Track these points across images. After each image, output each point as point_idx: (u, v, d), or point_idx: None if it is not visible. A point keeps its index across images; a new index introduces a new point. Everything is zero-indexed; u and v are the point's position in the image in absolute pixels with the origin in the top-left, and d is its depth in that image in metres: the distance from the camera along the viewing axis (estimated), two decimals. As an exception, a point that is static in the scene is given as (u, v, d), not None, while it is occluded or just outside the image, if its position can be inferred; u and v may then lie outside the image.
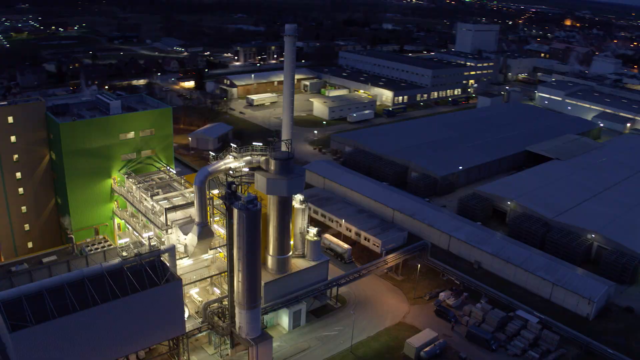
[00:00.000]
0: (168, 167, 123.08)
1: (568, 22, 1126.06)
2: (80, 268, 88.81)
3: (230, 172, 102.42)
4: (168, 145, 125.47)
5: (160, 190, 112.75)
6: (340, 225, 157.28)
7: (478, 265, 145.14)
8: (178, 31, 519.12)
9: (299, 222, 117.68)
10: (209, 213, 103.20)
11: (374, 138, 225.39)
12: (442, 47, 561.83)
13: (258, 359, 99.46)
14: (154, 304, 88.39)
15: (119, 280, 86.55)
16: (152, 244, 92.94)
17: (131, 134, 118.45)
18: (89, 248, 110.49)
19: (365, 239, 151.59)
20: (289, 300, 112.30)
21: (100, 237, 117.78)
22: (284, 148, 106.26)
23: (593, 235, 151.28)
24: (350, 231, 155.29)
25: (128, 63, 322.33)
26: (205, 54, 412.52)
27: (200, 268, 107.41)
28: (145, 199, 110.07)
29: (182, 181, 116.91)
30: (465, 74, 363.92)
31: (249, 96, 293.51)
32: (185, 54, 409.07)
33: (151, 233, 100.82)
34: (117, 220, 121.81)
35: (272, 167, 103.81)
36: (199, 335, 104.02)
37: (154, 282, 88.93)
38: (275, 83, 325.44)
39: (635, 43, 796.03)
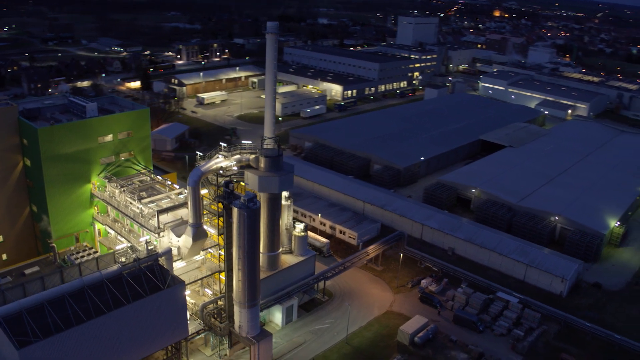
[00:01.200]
0: (150, 170, 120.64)
1: (497, 13, 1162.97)
2: (80, 277, 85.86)
3: (221, 171, 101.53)
4: (146, 146, 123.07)
5: (144, 193, 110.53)
6: (314, 220, 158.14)
7: (452, 251, 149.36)
8: (114, 31, 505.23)
9: (285, 218, 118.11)
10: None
11: (333, 132, 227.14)
12: (381, 41, 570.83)
13: (259, 357, 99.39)
14: (159, 309, 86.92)
15: (120, 287, 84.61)
16: (149, 247, 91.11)
17: (109, 137, 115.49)
18: (73, 256, 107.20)
19: (340, 232, 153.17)
20: (281, 296, 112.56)
21: (84, 244, 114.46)
22: (270, 145, 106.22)
23: (556, 218, 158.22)
24: (324, 225, 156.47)
25: (69, 64, 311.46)
26: (145, 53, 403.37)
27: (192, 270, 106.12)
28: (131, 203, 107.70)
29: (167, 183, 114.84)
30: (411, 66, 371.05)
31: (199, 95, 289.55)
32: (125, 54, 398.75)
33: (147, 237, 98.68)
34: (97, 226, 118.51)
35: (262, 165, 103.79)
36: (197, 337, 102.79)
37: (156, 286, 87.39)
38: (224, 81, 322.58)
39: (563, 32, 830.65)
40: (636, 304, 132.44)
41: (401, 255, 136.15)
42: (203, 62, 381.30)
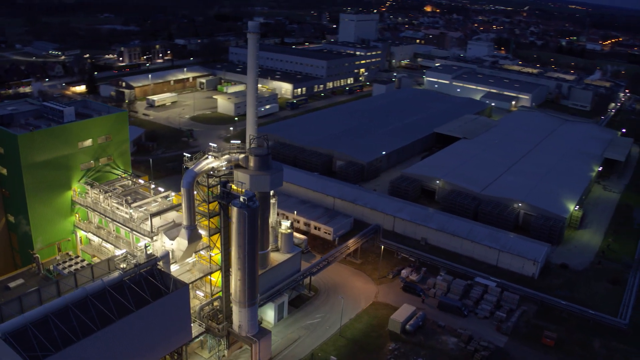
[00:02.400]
0: (131, 174, 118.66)
1: (428, 9, 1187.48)
2: (83, 287, 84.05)
3: (212, 172, 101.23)
4: (125, 150, 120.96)
5: (128, 197, 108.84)
6: (287, 217, 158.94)
7: (425, 241, 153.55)
8: (47, 34, 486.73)
9: (270, 216, 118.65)
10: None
11: (292, 130, 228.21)
12: (321, 38, 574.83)
13: (260, 355, 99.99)
14: (165, 313, 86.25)
15: (122, 294, 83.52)
16: (148, 252, 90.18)
17: (89, 142, 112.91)
18: (60, 266, 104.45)
19: (315, 228, 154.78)
20: (272, 294, 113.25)
21: (68, 253, 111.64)
22: (256, 144, 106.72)
23: (520, 204, 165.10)
24: (298, 222, 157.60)
25: (9, 70, 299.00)
26: (85, 56, 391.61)
27: (184, 273, 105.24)
28: (118, 208, 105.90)
29: (151, 186, 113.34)
30: (357, 63, 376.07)
31: (149, 97, 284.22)
32: (64, 57, 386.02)
33: (146, 242, 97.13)
34: (79, 234, 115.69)
35: (252, 164, 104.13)
36: (195, 340, 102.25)
37: (158, 291, 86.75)
38: (172, 82, 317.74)
39: (495, 26, 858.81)
40: (601, 281, 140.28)
41: (382, 247, 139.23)
42: (148, 65, 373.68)
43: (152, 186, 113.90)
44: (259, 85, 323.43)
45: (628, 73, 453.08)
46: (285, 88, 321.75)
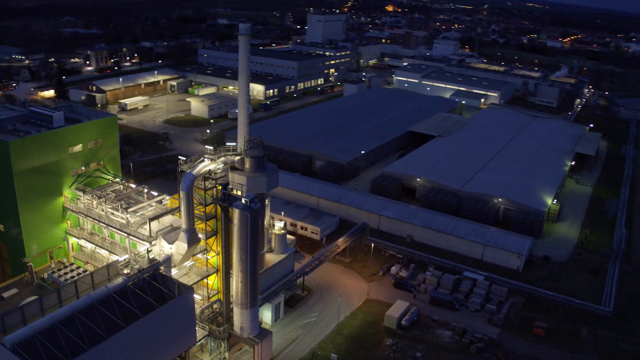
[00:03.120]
0: (122, 179, 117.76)
1: (390, 8, 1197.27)
2: (88, 294, 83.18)
3: (209, 174, 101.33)
4: (115, 155, 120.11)
5: (122, 202, 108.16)
6: (273, 218, 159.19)
7: (410, 238, 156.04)
8: (8, 38, 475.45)
9: (264, 217, 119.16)
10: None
11: (270, 131, 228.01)
12: (286, 39, 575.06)
13: (262, 356, 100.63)
14: (171, 318, 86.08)
15: (127, 300, 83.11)
16: (151, 257, 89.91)
17: (79, 147, 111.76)
18: (55, 274, 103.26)
19: (302, 228, 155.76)
20: (269, 294, 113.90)
21: (62, 260, 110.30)
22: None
23: (500, 200, 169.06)
24: (285, 223, 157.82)
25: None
26: (50, 60, 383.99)
27: (182, 276, 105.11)
28: (113, 214, 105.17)
29: (144, 191, 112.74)
30: (327, 63, 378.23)
31: (121, 101, 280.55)
32: (28, 62, 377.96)
33: (148, 246, 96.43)
34: (71, 241, 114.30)
35: (248, 166, 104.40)
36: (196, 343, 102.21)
37: (161, 295, 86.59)
38: (143, 85, 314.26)
39: (456, 25, 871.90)
40: (582, 272, 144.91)
41: (372, 245, 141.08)
42: (116, 68, 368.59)
43: (146, 190, 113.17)
44: (230, 87, 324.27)
45: (590, 69, 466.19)
46: (257, 90, 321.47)
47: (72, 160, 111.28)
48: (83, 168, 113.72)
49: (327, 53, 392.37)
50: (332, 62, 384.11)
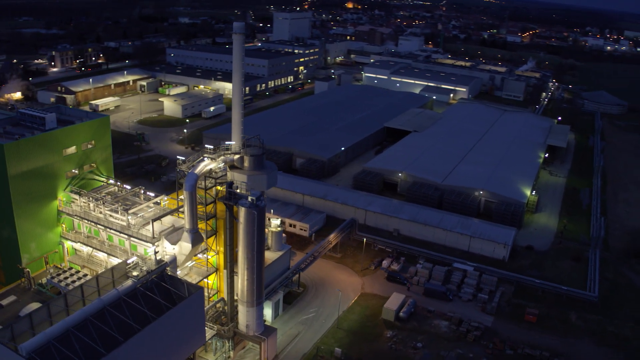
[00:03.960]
0: (116, 181, 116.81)
1: (350, 5, 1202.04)
2: (99, 297, 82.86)
3: (210, 174, 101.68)
4: (108, 157, 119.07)
5: (121, 204, 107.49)
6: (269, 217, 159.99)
7: (397, 232, 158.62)
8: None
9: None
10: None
11: (248, 130, 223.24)
12: (251, 37, 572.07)
13: (268, 353, 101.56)
14: (183, 318, 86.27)
15: (137, 302, 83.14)
16: (158, 258, 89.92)
17: (73, 149, 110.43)
18: (55, 279, 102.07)
19: (290, 225, 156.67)
20: (269, 292, 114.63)
21: (62, 265, 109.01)
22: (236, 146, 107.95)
23: (481, 192, 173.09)
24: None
25: None
26: (13, 61, 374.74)
27: (184, 276, 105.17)
28: (112, 215, 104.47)
29: (141, 192, 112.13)
30: (296, 61, 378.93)
31: (92, 102, 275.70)
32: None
33: (148, 248, 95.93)
34: (66, 245, 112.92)
35: (247, 164, 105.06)
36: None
37: (170, 296, 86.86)
38: (112, 86, 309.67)
39: (417, 21, 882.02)
40: (564, 260, 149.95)
41: (364, 240, 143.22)
42: (83, 68, 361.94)
43: (142, 191, 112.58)
44: (201, 87, 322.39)
45: (551, 63, 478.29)
46: (228, 88, 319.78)
47: (67, 163, 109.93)
48: (77, 170, 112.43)
49: (296, 51, 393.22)
50: (302, 59, 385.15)
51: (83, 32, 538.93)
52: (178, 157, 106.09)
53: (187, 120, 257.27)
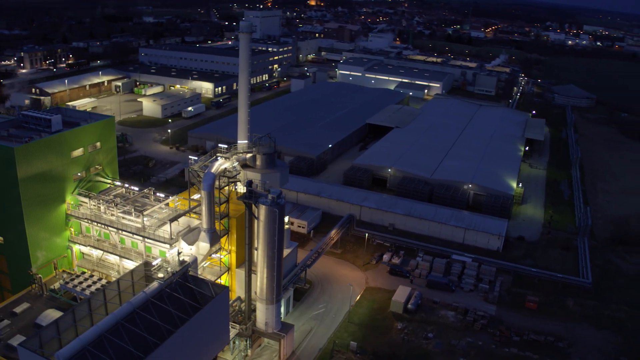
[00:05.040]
0: (126, 184, 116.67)
1: (312, 2, 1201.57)
2: (128, 301, 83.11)
3: (224, 173, 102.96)
4: (113, 158, 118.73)
5: (135, 206, 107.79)
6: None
7: (392, 227, 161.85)
8: None
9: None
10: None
11: (232, 128, 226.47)
12: (219, 36, 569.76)
13: (286, 349, 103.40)
14: (210, 318, 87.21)
15: (165, 303, 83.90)
16: (181, 259, 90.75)
17: (80, 150, 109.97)
18: (69, 284, 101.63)
19: (289, 222, 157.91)
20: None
21: (75, 269, 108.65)
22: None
23: (470, 186, 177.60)
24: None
25: None
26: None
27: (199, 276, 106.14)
28: (125, 218, 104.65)
29: (152, 193, 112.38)
30: (271, 59, 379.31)
31: (68, 103, 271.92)
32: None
33: (175, 250, 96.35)
34: (74, 249, 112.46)
35: (259, 163, 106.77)
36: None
37: (194, 296, 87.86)
38: (87, 87, 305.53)
39: (382, 17, 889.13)
40: (555, 249, 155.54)
41: (366, 235, 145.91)
42: (54, 70, 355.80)
43: (153, 192, 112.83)
44: (177, 86, 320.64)
45: (518, 58, 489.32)
46: (205, 87, 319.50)
47: (74, 165, 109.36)
48: (84, 173, 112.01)
49: (270, 49, 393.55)
50: (276, 57, 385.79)
51: (47, 32, 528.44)
52: (191, 157, 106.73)
53: (170, 121, 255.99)
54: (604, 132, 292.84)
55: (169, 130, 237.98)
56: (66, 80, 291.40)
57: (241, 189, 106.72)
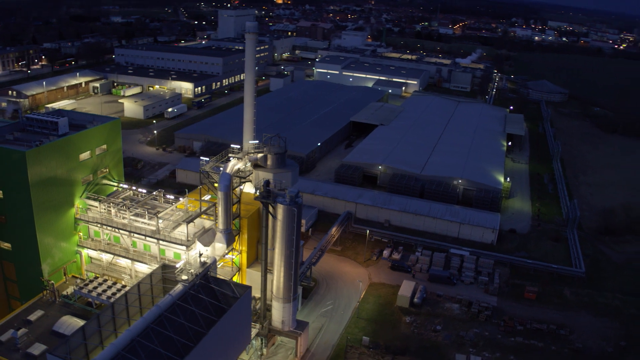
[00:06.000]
0: (133, 186, 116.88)
1: (279, 1, 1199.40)
2: (156, 304, 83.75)
3: (238, 173, 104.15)
4: (119, 161, 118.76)
5: (148, 208, 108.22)
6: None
7: (388, 223, 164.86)
8: None
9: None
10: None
11: (219, 129, 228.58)
12: (191, 35, 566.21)
13: (302, 346, 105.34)
14: (235, 319, 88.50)
15: (190, 305, 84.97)
16: (202, 260, 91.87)
17: (87, 154, 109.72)
18: (84, 289, 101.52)
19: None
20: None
21: (87, 275, 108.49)
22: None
23: (460, 181, 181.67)
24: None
25: None
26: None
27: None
28: (138, 220, 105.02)
29: (160, 195, 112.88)
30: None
31: (48, 106, 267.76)
32: None
33: (196, 251, 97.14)
34: (83, 254, 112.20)
35: (269, 163, 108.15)
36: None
37: (220, 296, 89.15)
38: (65, 88, 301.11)
39: (350, 15, 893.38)
40: (546, 240, 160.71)
41: (367, 231, 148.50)
42: (29, 71, 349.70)
43: (162, 194, 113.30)
44: (156, 87, 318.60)
45: (488, 54, 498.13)
46: (185, 88, 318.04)
47: (83, 168, 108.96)
48: (91, 176, 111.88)
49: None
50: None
51: (14, 33, 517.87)
52: (202, 157, 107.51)
53: (155, 122, 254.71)
54: (578, 126, 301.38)
55: (155, 132, 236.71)
56: (44, 82, 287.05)
57: (247, 189, 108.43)
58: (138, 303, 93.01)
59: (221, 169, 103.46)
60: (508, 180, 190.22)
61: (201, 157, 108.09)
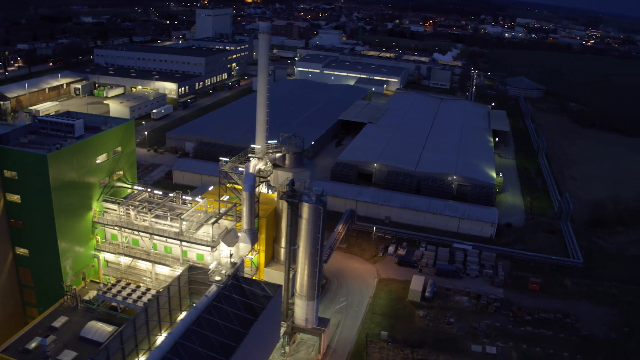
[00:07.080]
0: (149, 188, 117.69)
1: (249, 0, 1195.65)
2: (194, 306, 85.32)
3: (260, 172, 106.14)
4: (133, 163, 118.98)
5: (170, 210, 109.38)
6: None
7: (389, 219, 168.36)
8: None
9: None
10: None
11: (210, 129, 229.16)
12: (165, 35, 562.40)
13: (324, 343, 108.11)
14: (270, 318, 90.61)
15: (224, 305, 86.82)
16: (232, 261, 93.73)
17: (104, 156, 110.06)
18: (108, 294, 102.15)
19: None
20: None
21: (111, 279, 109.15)
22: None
23: (454, 177, 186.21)
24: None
25: None
26: None
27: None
28: (159, 222, 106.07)
29: (180, 196, 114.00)
30: (230, 57, 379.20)
31: (31, 108, 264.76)
32: None
33: (227, 252, 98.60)
34: (101, 257, 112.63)
35: (287, 162, 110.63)
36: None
37: (249, 295, 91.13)
38: (47, 90, 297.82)
39: (321, 13, 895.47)
40: (541, 233, 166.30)
41: (374, 228, 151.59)
42: (7, 73, 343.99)
43: (181, 195, 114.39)
44: (139, 88, 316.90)
45: (463, 52, 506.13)
46: (169, 88, 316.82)
47: (100, 171, 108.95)
48: (107, 179, 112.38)
49: (228, 47, 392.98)
50: (234, 56, 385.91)
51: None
52: (222, 158, 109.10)
53: (144, 122, 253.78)
54: (557, 121, 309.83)
55: (145, 133, 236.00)
56: (26, 84, 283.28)
57: (262, 188, 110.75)
58: (168, 305, 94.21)
59: (240, 169, 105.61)
60: (500, 175, 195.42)
61: (220, 158, 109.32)
